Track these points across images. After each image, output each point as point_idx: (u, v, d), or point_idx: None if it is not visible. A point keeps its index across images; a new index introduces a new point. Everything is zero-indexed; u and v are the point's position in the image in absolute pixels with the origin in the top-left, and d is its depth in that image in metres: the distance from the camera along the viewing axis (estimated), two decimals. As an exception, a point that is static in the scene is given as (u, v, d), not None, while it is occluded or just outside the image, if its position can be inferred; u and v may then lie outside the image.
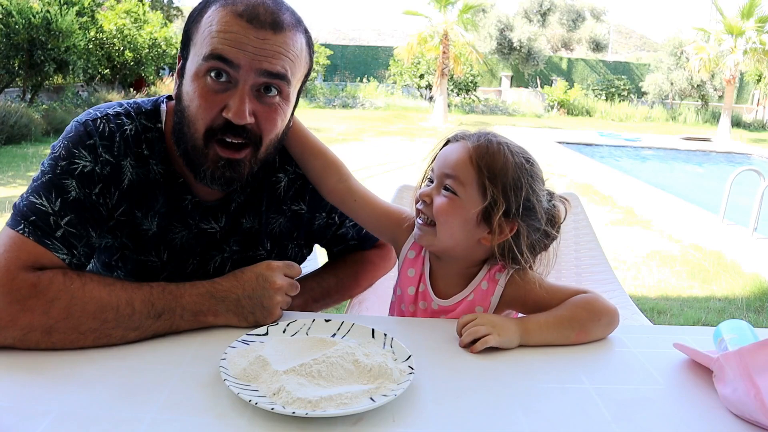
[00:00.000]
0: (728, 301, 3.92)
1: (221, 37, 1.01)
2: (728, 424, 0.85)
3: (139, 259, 1.19)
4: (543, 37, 26.81)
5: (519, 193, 1.09)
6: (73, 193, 1.05)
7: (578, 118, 20.27)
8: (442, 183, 1.12)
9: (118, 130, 1.11)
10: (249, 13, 1.02)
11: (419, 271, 1.23)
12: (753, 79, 21.51)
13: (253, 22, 1.02)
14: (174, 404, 0.83)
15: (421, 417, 0.83)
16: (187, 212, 1.19)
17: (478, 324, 1.03)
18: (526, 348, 1.05)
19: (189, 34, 1.08)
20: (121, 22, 13.88)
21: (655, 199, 6.66)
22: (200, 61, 1.03)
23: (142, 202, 1.14)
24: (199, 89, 1.03)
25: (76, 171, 1.06)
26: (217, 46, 1.01)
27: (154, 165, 1.14)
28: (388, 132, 12.93)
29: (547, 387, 0.93)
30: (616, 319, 1.10)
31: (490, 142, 1.12)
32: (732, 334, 1.01)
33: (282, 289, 1.08)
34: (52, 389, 0.85)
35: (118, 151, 1.09)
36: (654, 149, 12.25)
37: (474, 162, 1.09)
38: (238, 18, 1.02)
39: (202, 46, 1.03)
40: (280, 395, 0.82)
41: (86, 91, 12.75)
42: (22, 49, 10.04)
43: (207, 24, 1.04)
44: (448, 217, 1.11)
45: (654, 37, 63.10)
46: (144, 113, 1.15)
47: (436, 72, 16.80)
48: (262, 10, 1.03)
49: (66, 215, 1.03)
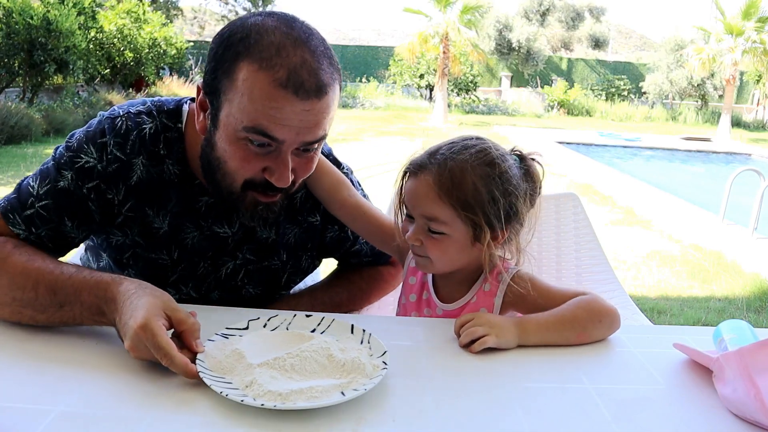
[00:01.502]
0: (728, 301, 3.92)
1: (263, 111, 0.96)
2: (728, 424, 0.85)
3: (150, 257, 1.20)
4: (543, 37, 26.81)
5: (498, 205, 1.08)
6: (63, 183, 1.11)
7: (578, 118, 20.27)
8: (423, 224, 1.11)
9: (136, 128, 1.13)
10: (293, 81, 0.95)
11: (420, 279, 1.24)
12: (753, 79, 21.51)
13: (299, 92, 0.96)
14: (174, 404, 0.83)
15: (421, 417, 0.83)
16: (200, 214, 1.19)
17: (476, 324, 1.03)
18: (526, 348, 1.04)
19: (218, 83, 1.00)
20: (121, 22, 13.88)
21: (655, 199, 6.66)
22: (240, 129, 0.99)
23: (153, 200, 1.16)
24: (239, 153, 1.01)
25: (77, 165, 1.11)
26: (261, 122, 0.97)
27: (170, 164, 1.15)
28: (388, 132, 12.92)
29: (547, 387, 0.93)
30: (616, 320, 1.10)
31: (448, 169, 1.08)
32: (732, 334, 1.01)
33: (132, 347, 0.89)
34: (52, 389, 0.85)
35: (131, 149, 1.12)
36: (654, 149, 12.26)
37: (445, 199, 1.07)
38: (282, 89, 0.95)
39: (241, 112, 0.98)
40: (252, 388, 0.83)
41: (86, 91, 12.74)
42: (23, 49, 10.04)
43: (245, 88, 0.97)
44: (443, 254, 1.12)
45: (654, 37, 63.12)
46: (166, 112, 1.16)
47: (437, 72, 16.79)
48: (305, 75, 0.96)
49: (44, 200, 1.10)
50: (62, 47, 10.28)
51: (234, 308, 1.16)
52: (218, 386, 0.83)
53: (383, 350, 0.95)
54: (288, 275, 1.31)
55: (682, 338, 1.09)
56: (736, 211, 5.46)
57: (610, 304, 1.10)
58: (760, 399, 0.81)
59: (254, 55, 0.96)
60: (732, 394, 0.86)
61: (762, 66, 16.36)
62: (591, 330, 1.08)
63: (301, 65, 0.97)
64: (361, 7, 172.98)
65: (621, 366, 1.02)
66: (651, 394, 0.93)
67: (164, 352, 0.87)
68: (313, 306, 1.27)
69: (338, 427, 0.80)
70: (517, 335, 1.04)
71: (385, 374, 0.89)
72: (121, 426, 0.77)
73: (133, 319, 0.89)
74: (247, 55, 0.97)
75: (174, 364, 0.86)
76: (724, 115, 16.40)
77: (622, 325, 1.12)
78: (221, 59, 1.00)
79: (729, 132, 16.07)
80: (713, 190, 6.89)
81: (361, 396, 0.85)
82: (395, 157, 9.22)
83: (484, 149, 1.11)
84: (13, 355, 0.93)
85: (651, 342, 1.11)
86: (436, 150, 1.13)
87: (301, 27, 1.01)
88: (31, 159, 7.60)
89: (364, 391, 0.84)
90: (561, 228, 1.81)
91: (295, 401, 0.81)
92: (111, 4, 14.29)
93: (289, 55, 0.96)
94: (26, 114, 9.10)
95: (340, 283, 1.41)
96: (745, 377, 0.83)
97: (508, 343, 1.03)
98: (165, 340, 0.87)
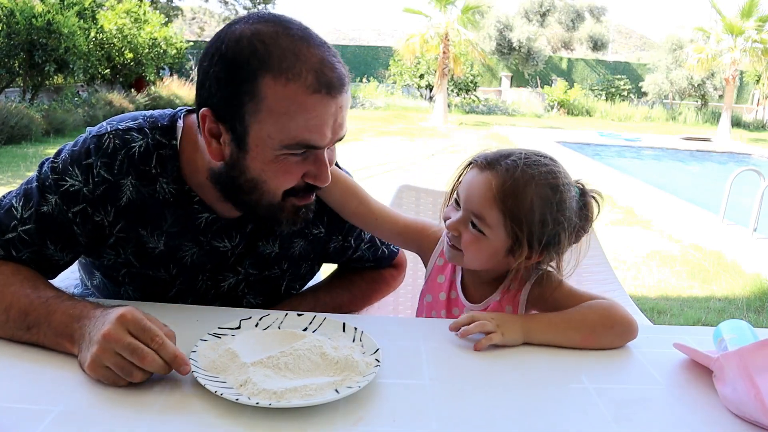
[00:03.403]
0: (728, 301, 3.92)
1: (303, 124, 0.94)
2: (728, 424, 0.85)
3: (147, 274, 1.17)
4: (543, 37, 26.81)
5: (545, 230, 1.08)
6: (47, 207, 1.06)
7: (578, 118, 20.27)
8: (468, 217, 1.11)
9: (124, 147, 1.08)
10: (323, 82, 0.94)
11: (449, 277, 1.25)
12: (753, 80, 21.50)
13: (331, 91, 0.95)
14: (174, 404, 0.83)
15: (421, 417, 0.83)
16: (199, 230, 1.15)
17: (486, 319, 1.04)
18: (527, 348, 1.05)
19: (240, 107, 0.95)
20: (121, 22, 13.88)
21: (655, 199, 6.66)
22: (278, 147, 0.96)
23: (146, 220, 1.11)
24: (281, 169, 0.99)
25: (62, 188, 1.06)
26: (303, 136, 0.95)
27: (164, 183, 1.10)
28: (388, 132, 12.92)
29: (547, 387, 0.93)
30: (632, 329, 1.07)
31: (515, 177, 1.07)
32: (732, 334, 1.01)
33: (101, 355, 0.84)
34: (52, 389, 0.85)
35: (118, 169, 1.07)
36: (654, 149, 12.26)
37: (499, 203, 1.07)
38: (316, 94, 0.93)
39: (279, 131, 0.95)
40: (246, 386, 0.83)
41: (86, 91, 12.74)
42: (23, 49, 10.04)
43: (277, 105, 0.93)
44: (476, 253, 1.12)
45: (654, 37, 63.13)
46: (159, 128, 1.10)
47: (437, 72, 16.79)
48: (329, 72, 0.95)
49: (28, 224, 1.06)
50: (62, 47, 10.29)
51: (225, 308, 1.16)
52: (213, 386, 0.83)
53: (375, 348, 0.95)
54: (287, 282, 1.30)
55: (682, 338, 1.09)
56: (736, 211, 5.46)
57: (627, 313, 1.08)
58: (760, 399, 0.81)
59: (274, 68, 0.92)
60: (732, 394, 0.86)
61: (761, 66, 16.36)
62: (600, 335, 1.06)
63: (321, 63, 0.94)
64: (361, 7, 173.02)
65: (621, 366, 1.02)
66: (651, 394, 0.93)
67: (152, 333, 0.84)
68: (315, 307, 1.26)
69: (338, 427, 0.80)
70: (523, 333, 1.04)
71: (378, 371, 0.89)
72: (120, 426, 0.77)
73: (112, 313, 0.86)
74: (266, 70, 0.92)
75: (164, 346, 0.84)
76: (724, 115, 16.39)
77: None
78: (235, 81, 0.94)
79: (729, 132, 16.07)
80: (713, 190, 6.89)
81: (361, 395, 0.85)
82: (395, 157, 9.22)
83: (554, 172, 1.10)
84: (13, 355, 0.93)
85: (651, 342, 1.11)
86: (509, 153, 1.11)
87: (297, 24, 0.98)
88: (31, 159, 7.59)
89: (358, 389, 0.84)
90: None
91: (289, 400, 0.81)
92: (111, 4, 14.29)
93: (308, 57, 0.93)
94: (26, 114, 9.10)
95: (342, 284, 1.40)
96: (746, 377, 0.83)
97: (514, 341, 1.04)
98: (151, 323, 0.85)
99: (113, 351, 0.83)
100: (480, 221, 1.09)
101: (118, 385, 0.84)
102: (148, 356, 0.83)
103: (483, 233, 1.09)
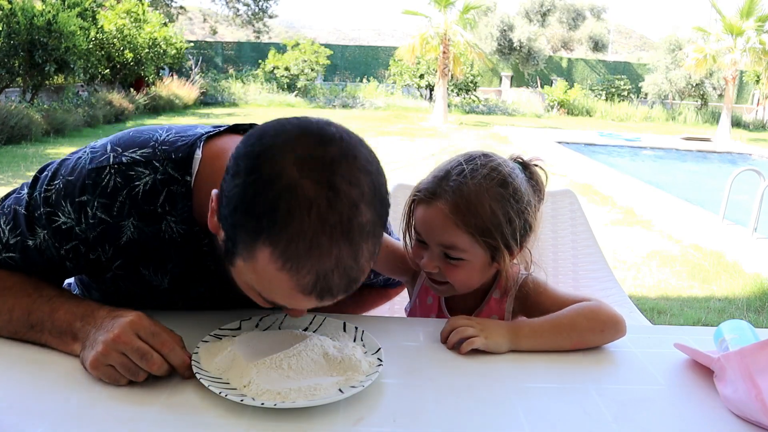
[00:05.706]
0: (728, 301, 3.92)
1: (287, 301, 0.83)
2: (729, 424, 0.85)
3: (150, 303, 1.07)
4: (543, 37, 26.81)
5: (514, 226, 1.08)
6: (33, 241, 0.97)
7: (578, 118, 20.27)
8: (440, 251, 1.09)
9: (126, 186, 0.96)
10: (320, 288, 0.79)
11: (437, 298, 1.24)
12: (752, 80, 21.50)
13: (323, 297, 0.81)
14: (174, 404, 0.83)
15: (421, 417, 0.83)
16: (209, 272, 1.05)
17: (468, 325, 1.03)
18: (527, 348, 1.04)
19: (236, 247, 0.80)
20: (121, 22, 13.89)
21: (655, 199, 6.66)
22: (258, 295, 0.85)
23: (149, 260, 1.02)
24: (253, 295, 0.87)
25: (54, 224, 0.96)
26: (282, 303, 0.85)
27: (171, 222, 0.99)
28: (388, 132, 12.92)
29: (547, 387, 0.93)
30: (620, 328, 1.07)
31: (463, 194, 1.06)
32: (733, 335, 1.01)
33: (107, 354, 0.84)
34: (52, 389, 0.85)
35: (118, 212, 0.96)
36: (654, 149, 12.26)
37: (462, 227, 1.06)
38: (304, 295, 0.79)
39: (259, 286, 0.82)
40: (250, 387, 0.83)
41: (86, 91, 12.75)
42: (23, 49, 10.05)
43: (263, 279, 0.80)
44: (465, 279, 1.12)
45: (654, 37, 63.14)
46: (173, 160, 0.97)
47: (437, 72, 16.79)
48: (336, 279, 0.78)
49: (12, 252, 0.99)
50: (63, 47, 10.29)
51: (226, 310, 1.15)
52: (216, 387, 0.83)
53: (377, 347, 0.95)
54: None
55: (683, 338, 1.09)
56: (736, 211, 5.46)
57: (614, 312, 1.08)
58: (761, 399, 0.81)
59: (277, 244, 0.75)
60: (733, 394, 0.86)
61: (761, 66, 16.35)
62: (589, 338, 1.05)
63: (333, 269, 0.77)
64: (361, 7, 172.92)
65: (621, 366, 1.02)
66: (651, 394, 0.93)
67: (163, 339, 0.84)
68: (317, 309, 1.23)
69: (338, 427, 0.79)
70: (509, 339, 1.02)
71: (381, 371, 0.89)
72: (121, 426, 0.77)
73: (121, 318, 0.87)
74: (269, 240, 0.75)
75: (175, 351, 0.85)
76: (724, 115, 16.38)
77: (623, 325, 1.12)
78: (240, 221, 0.78)
79: (729, 132, 16.06)
80: (713, 190, 6.89)
81: (361, 395, 0.85)
82: (395, 157, 9.22)
83: (495, 168, 1.09)
84: (13, 355, 0.93)
85: (651, 342, 1.11)
86: (445, 175, 1.09)
87: (347, 200, 0.76)
88: (31, 159, 7.60)
89: (362, 388, 0.84)
90: (557, 226, 1.81)
91: (294, 400, 0.81)
92: (111, 4, 14.30)
93: (322, 257, 0.75)
94: (26, 114, 9.11)
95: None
96: (746, 377, 0.83)
97: (498, 347, 1.02)
98: (163, 327, 0.86)
99: (120, 352, 0.84)
100: (453, 250, 1.08)
101: (119, 384, 0.85)
102: (157, 362, 0.85)
103: (462, 259, 1.09)
